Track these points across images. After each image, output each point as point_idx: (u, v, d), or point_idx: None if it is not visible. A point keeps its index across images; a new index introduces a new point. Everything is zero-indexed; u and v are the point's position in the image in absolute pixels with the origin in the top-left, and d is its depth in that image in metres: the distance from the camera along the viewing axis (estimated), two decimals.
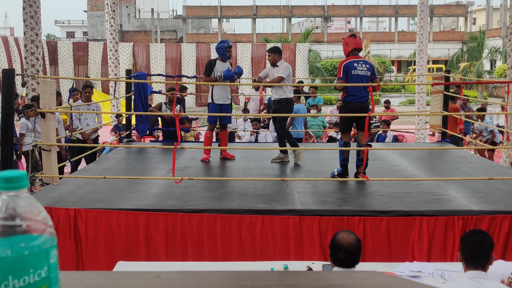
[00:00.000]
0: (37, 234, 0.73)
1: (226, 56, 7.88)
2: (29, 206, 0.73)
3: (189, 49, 29.28)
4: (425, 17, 14.06)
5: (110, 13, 14.17)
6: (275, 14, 49.81)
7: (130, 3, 58.36)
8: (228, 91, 7.94)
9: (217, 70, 7.74)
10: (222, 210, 5.22)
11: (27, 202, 0.73)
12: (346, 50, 6.76)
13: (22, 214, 0.72)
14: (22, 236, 0.72)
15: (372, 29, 72.83)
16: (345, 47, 6.77)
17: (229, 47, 7.89)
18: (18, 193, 0.72)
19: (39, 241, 0.73)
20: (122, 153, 8.61)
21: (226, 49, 7.83)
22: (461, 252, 3.23)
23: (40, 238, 0.73)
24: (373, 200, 5.69)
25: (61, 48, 29.00)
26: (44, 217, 0.75)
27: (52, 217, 5.16)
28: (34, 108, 7.03)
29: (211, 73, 7.77)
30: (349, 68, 6.54)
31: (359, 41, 6.75)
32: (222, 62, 7.88)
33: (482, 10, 58.13)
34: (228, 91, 7.94)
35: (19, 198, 0.72)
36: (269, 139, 11.70)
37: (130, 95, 9.67)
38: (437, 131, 9.94)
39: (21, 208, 0.72)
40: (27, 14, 9.78)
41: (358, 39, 6.79)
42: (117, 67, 14.60)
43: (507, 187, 6.07)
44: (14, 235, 0.71)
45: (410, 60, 44.31)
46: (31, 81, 9.89)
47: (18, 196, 0.72)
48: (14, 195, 0.72)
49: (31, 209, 0.73)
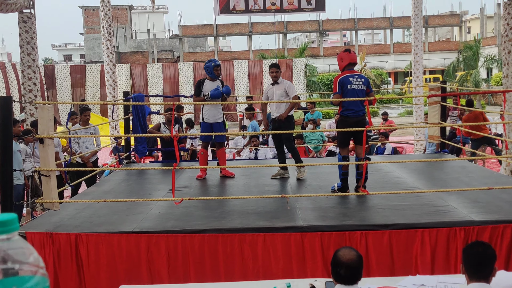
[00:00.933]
0: (29, 276, 0.73)
1: (214, 75, 7.91)
2: (20, 249, 0.73)
3: (186, 68, 29.40)
4: (419, 29, 14.14)
5: (106, 35, 14.24)
6: (271, 30, 50.04)
7: (126, 25, 58.74)
8: (219, 109, 7.97)
9: (205, 90, 7.80)
10: (223, 230, 5.21)
11: (18, 245, 0.73)
12: (341, 65, 6.81)
13: (13, 256, 0.72)
14: (15, 278, 0.72)
15: (368, 41, 73.22)
16: (340, 62, 6.82)
17: (216, 66, 7.90)
18: (9, 236, 0.73)
19: (32, 282, 0.73)
20: (122, 175, 8.61)
21: (213, 68, 7.86)
22: (463, 264, 3.22)
23: (32, 279, 0.73)
24: (374, 214, 5.68)
25: (59, 71, 29.13)
26: (36, 259, 0.75)
27: (53, 242, 5.17)
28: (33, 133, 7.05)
29: (200, 93, 7.82)
30: (345, 82, 6.59)
31: (353, 55, 6.80)
32: (211, 81, 7.92)
33: (476, 19, 58.44)
34: (219, 109, 7.97)
35: (10, 241, 0.73)
36: (268, 155, 11.70)
37: (128, 117, 9.70)
38: (435, 142, 9.95)
39: (13, 250, 0.72)
40: (23, 40, 9.83)
41: (353, 53, 6.83)
42: (115, 89, 14.64)
43: (508, 196, 6.06)
44: (6, 277, 0.71)
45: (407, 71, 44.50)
46: (29, 106, 9.92)
47: (9, 239, 0.73)
48: (6, 238, 0.72)
49: (23, 251, 0.73)
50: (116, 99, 14.51)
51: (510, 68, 10.18)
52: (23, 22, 9.81)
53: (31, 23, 9.85)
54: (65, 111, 25.68)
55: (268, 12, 13.87)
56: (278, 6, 13.56)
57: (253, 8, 13.85)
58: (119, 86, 21.30)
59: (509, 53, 10.16)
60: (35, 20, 9.99)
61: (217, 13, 13.97)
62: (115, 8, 53.26)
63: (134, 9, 63.89)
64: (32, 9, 9.93)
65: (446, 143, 9.69)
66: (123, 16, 59.04)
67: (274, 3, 13.53)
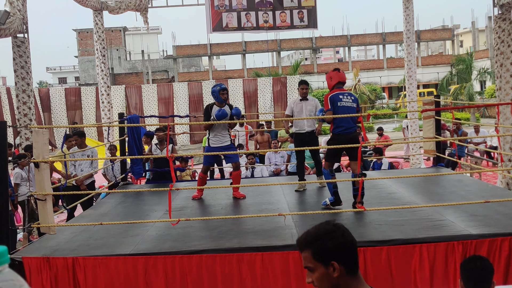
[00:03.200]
0: None
1: (220, 100, 7.82)
2: (11, 281, 0.73)
3: (181, 88, 29.46)
4: (412, 44, 14.23)
5: (100, 57, 14.28)
6: (264, 48, 50.31)
7: (120, 46, 59.01)
8: (224, 134, 7.89)
9: (213, 114, 7.77)
10: (221, 250, 5.19)
11: (9, 277, 0.73)
12: (330, 84, 6.89)
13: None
14: None
15: (361, 57, 73.56)
16: (329, 81, 6.90)
17: (222, 90, 7.80)
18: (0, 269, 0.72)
19: None
20: (119, 197, 8.58)
21: (219, 92, 7.79)
22: (461, 279, 3.22)
23: None
24: (372, 230, 5.67)
25: (53, 94, 29.14)
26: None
27: (50, 267, 5.13)
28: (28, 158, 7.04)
29: (209, 118, 7.78)
30: (335, 100, 6.68)
31: (342, 74, 6.89)
32: (219, 106, 7.86)
33: (468, 32, 58.91)
34: (224, 134, 7.89)
35: (1, 274, 0.72)
36: (265, 173, 11.69)
37: (123, 138, 9.70)
38: (431, 156, 9.97)
39: (3, 283, 0.72)
40: (17, 65, 9.85)
41: (342, 73, 6.92)
42: (110, 111, 14.65)
43: (505, 208, 6.07)
44: None
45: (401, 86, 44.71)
46: (24, 130, 9.90)
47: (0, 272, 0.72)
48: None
49: (13, 284, 0.73)
50: (111, 121, 14.51)
51: (503, 81, 10.24)
52: (17, 47, 9.84)
53: (25, 47, 9.88)
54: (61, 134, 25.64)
55: (261, 29, 13.90)
56: (271, 24, 13.59)
57: (246, 26, 13.84)
58: (115, 108, 21.32)
59: (502, 66, 10.23)
60: (29, 44, 10.02)
61: (210, 31, 13.95)
62: (108, 30, 53.52)
63: (128, 31, 64.22)
64: (26, 33, 9.96)
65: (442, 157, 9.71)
66: (117, 38, 59.34)
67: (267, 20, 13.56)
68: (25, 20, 9.88)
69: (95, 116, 28.19)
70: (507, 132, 9.95)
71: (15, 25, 9.42)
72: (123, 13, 13.62)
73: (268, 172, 11.80)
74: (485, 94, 38.48)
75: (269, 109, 28.55)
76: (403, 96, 37.50)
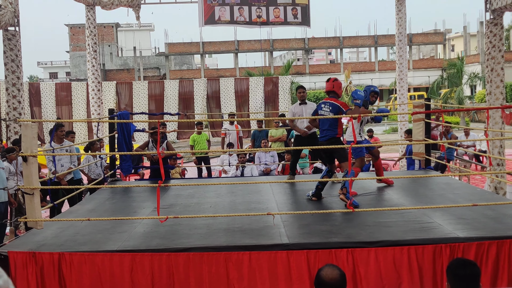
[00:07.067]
0: None
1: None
2: None
3: (172, 86, 29.39)
4: (403, 47, 14.28)
5: (92, 53, 14.19)
6: (257, 48, 50.34)
7: (112, 42, 58.78)
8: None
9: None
10: (209, 248, 5.16)
11: None
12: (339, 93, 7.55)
13: None
14: None
15: (353, 59, 73.82)
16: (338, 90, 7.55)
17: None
18: None
19: None
20: (107, 193, 8.53)
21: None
22: (448, 283, 3.21)
23: None
24: (360, 231, 5.66)
25: (44, 89, 28.99)
26: (5, 281, 0.73)
27: (36, 262, 5.09)
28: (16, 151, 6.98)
29: None
30: (317, 109, 7.47)
31: (328, 84, 7.43)
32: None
33: (460, 37, 59.24)
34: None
35: None
36: (255, 173, 11.68)
37: (113, 134, 9.64)
38: (420, 159, 9.99)
39: None
40: (8, 58, 9.78)
41: (329, 83, 7.44)
42: (100, 107, 14.56)
43: (492, 212, 6.09)
44: None
45: (392, 89, 44.85)
46: (13, 124, 9.83)
47: None
48: None
49: None
50: (101, 116, 14.43)
51: (493, 85, 10.30)
52: (8, 40, 9.77)
53: (15, 40, 9.81)
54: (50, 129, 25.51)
55: (254, 24, 13.83)
56: (264, 19, 13.53)
57: (238, 20, 13.78)
58: (105, 104, 21.22)
59: (492, 70, 10.28)
60: (20, 37, 9.95)
61: (202, 24, 13.88)
62: (101, 26, 53.30)
63: (120, 27, 63.97)
64: (17, 26, 9.89)
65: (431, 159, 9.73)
66: (109, 34, 59.11)
67: (260, 15, 13.51)
68: (17, 13, 9.81)
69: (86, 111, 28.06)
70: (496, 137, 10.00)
71: (6, 17, 9.34)
72: (115, 8, 13.53)
73: (258, 171, 11.78)
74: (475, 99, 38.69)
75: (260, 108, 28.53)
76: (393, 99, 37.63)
